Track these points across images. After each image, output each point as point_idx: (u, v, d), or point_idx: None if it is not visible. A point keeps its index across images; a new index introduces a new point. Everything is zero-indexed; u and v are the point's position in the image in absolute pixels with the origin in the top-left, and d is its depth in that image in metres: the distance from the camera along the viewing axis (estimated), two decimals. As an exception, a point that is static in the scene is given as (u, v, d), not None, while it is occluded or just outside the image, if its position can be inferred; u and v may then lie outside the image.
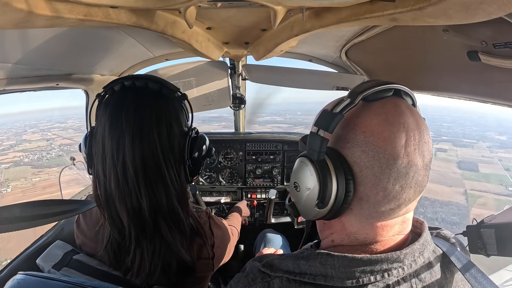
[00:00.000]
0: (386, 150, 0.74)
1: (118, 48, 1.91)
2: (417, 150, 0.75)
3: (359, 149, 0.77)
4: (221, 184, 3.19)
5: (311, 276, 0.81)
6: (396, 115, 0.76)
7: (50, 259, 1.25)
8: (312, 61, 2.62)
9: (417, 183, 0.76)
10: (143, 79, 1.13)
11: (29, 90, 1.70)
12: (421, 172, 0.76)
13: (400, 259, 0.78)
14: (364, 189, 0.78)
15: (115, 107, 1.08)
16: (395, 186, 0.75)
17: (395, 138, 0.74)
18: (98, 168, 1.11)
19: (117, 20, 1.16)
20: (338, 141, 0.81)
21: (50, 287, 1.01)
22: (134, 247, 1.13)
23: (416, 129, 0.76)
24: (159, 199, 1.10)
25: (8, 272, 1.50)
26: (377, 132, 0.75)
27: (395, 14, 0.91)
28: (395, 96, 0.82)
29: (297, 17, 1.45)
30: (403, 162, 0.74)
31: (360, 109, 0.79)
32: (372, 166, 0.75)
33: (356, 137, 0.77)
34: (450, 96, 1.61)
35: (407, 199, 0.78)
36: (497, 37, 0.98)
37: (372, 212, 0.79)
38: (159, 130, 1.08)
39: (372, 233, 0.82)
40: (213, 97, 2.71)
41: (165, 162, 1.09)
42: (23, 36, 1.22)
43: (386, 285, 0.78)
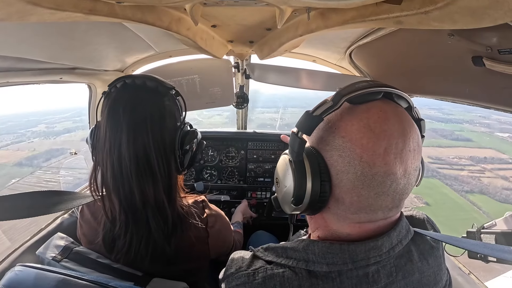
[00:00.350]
0: (362, 158, 0.74)
1: (123, 44, 1.92)
2: (398, 159, 0.74)
3: (337, 153, 0.78)
4: (222, 183, 3.19)
5: (295, 260, 0.85)
6: (379, 121, 0.75)
7: (50, 251, 1.27)
8: (316, 62, 2.62)
9: (395, 191, 0.77)
10: (142, 78, 1.22)
11: (32, 83, 1.70)
12: (401, 181, 0.76)
13: (377, 246, 0.80)
14: (339, 191, 0.79)
15: (114, 102, 1.17)
16: (369, 193, 0.76)
17: (374, 145, 0.73)
18: (98, 157, 1.21)
19: (122, 16, 1.16)
20: (320, 142, 0.83)
21: (48, 279, 1.02)
22: (124, 232, 1.20)
23: (400, 137, 0.75)
24: (147, 189, 1.16)
25: (7, 264, 1.51)
26: (356, 138, 0.75)
27: (400, 17, 0.91)
28: (385, 99, 0.81)
29: (302, 17, 1.45)
30: (379, 170, 0.73)
31: (345, 111, 0.80)
32: (348, 171, 0.76)
33: (335, 140, 0.79)
34: (453, 101, 1.60)
35: (384, 206, 0.79)
36: (502, 43, 0.97)
37: (348, 214, 0.81)
38: (153, 123, 1.16)
39: (352, 232, 0.84)
40: (216, 95, 2.71)
41: (156, 154, 1.16)
42: (28, 28, 1.22)
43: (365, 273, 0.81)
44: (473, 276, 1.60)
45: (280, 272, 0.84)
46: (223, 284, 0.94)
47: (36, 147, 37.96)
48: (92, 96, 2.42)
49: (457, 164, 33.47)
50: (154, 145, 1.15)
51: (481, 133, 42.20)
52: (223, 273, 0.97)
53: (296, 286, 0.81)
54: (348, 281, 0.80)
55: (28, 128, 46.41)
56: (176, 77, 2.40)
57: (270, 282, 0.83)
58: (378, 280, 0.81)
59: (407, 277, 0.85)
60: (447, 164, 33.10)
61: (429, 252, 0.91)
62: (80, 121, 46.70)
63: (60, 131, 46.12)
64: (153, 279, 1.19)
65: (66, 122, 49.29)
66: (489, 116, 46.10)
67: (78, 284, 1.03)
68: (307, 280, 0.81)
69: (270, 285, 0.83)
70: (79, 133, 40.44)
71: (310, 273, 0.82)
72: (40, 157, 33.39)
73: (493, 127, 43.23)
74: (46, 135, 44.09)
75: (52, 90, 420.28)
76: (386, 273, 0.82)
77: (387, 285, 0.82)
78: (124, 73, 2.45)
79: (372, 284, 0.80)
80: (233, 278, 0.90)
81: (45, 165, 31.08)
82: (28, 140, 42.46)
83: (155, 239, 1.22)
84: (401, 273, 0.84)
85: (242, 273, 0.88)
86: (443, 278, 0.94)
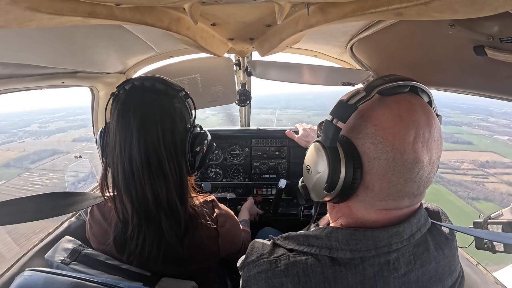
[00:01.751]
0: (394, 145, 0.77)
1: (123, 46, 1.92)
2: (425, 148, 0.78)
3: (369, 140, 0.81)
4: (227, 181, 3.19)
5: (317, 248, 0.87)
6: (409, 112, 0.79)
7: (58, 254, 1.28)
8: (317, 56, 2.61)
9: (421, 179, 0.80)
10: (151, 80, 1.21)
11: (34, 88, 1.71)
12: (426, 168, 0.79)
13: (399, 232, 0.83)
14: (370, 178, 0.82)
15: (124, 104, 1.16)
16: (399, 179, 0.79)
17: (404, 134, 0.77)
18: (109, 159, 1.21)
19: (121, 18, 1.16)
20: (351, 131, 0.85)
21: (58, 283, 1.03)
22: (137, 234, 1.21)
23: (426, 127, 0.79)
24: (160, 191, 1.17)
25: (17, 269, 1.52)
26: (388, 126, 0.79)
27: (400, 9, 0.90)
28: (410, 92, 0.84)
29: (301, 12, 1.44)
30: (409, 157, 0.77)
31: (375, 102, 0.83)
32: (380, 158, 0.79)
33: (368, 129, 0.81)
34: (456, 91, 1.59)
35: (410, 193, 0.82)
36: (503, 31, 0.97)
37: (376, 200, 0.84)
38: (163, 126, 1.15)
39: (378, 218, 0.86)
40: (219, 94, 2.70)
41: (167, 156, 1.16)
42: (28, 34, 1.23)
43: (387, 260, 0.83)
44: (481, 267, 1.60)
45: (303, 259, 0.86)
46: (243, 271, 0.95)
47: (26, 147, 37.47)
48: (95, 99, 2.43)
49: (460, 169, 33.05)
50: (165, 148, 1.16)
51: (480, 136, 41.79)
52: (242, 261, 0.98)
53: (319, 273, 0.84)
54: (370, 268, 0.83)
55: (21, 128, 45.85)
56: (177, 77, 2.40)
57: (293, 269, 0.85)
58: (398, 267, 0.84)
59: (424, 265, 0.87)
60: (450, 169, 32.61)
61: (445, 243, 0.93)
62: (74, 121, 45.99)
63: (52, 130, 45.45)
64: (162, 279, 1.20)
65: (60, 121, 48.52)
66: (487, 118, 45.75)
67: (87, 286, 1.03)
68: (330, 267, 0.84)
69: (293, 272, 0.85)
70: (71, 133, 39.53)
71: (333, 260, 0.84)
72: (29, 158, 32.93)
73: (492, 130, 42.88)
74: (38, 135, 43.59)
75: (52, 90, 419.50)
76: (405, 261, 0.85)
77: (406, 273, 0.85)
78: (126, 75, 2.46)
79: (392, 272, 0.83)
80: (254, 265, 0.92)
81: (33, 167, 30.57)
82: (19, 140, 41.96)
83: (167, 240, 1.22)
84: (419, 261, 0.87)
85: (264, 260, 0.91)
86: (457, 268, 0.97)
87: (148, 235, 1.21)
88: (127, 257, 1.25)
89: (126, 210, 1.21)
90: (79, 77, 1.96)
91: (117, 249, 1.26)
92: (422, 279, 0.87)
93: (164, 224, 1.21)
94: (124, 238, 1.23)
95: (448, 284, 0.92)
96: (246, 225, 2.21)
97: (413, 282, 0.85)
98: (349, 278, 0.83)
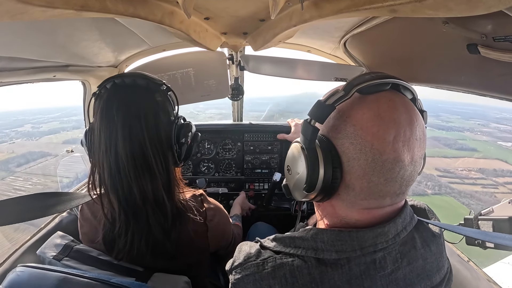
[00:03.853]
0: (373, 145, 0.77)
1: (116, 39, 1.90)
2: (406, 147, 0.78)
3: (348, 140, 0.80)
4: (219, 175, 3.19)
5: (304, 249, 0.87)
6: (389, 110, 0.79)
7: (50, 250, 1.28)
8: (310, 52, 2.61)
9: (403, 178, 0.80)
10: (131, 76, 1.22)
11: (26, 82, 1.68)
12: (408, 168, 0.80)
13: (384, 232, 0.84)
14: (350, 178, 0.82)
15: (107, 102, 1.17)
16: (379, 179, 0.79)
17: (384, 133, 0.77)
18: (95, 159, 1.21)
19: (114, 11, 1.15)
20: (331, 131, 0.85)
21: (50, 279, 1.02)
22: (125, 231, 1.22)
23: (407, 126, 0.78)
24: (146, 186, 1.18)
25: (9, 264, 1.51)
26: (367, 126, 0.78)
27: (394, 6, 0.90)
28: (392, 90, 0.83)
29: (296, 7, 1.44)
30: (389, 157, 0.77)
31: (355, 101, 0.82)
32: (359, 158, 0.79)
33: (347, 129, 0.81)
34: (448, 89, 1.60)
35: (391, 192, 0.82)
36: (497, 30, 0.97)
37: (358, 200, 0.84)
38: (147, 120, 1.17)
39: (361, 218, 0.87)
40: (211, 88, 2.69)
41: (152, 151, 1.18)
42: (19, 27, 1.21)
43: (373, 259, 0.84)
44: (472, 263, 1.62)
45: (289, 261, 0.86)
46: (231, 275, 0.96)
47: (16, 149, 36.52)
48: (86, 93, 2.41)
49: (468, 178, 32.67)
50: (150, 142, 1.17)
51: (484, 142, 41.60)
52: (230, 264, 0.98)
53: (306, 274, 0.84)
54: (357, 268, 0.83)
55: (14, 128, 45.01)
56: (170, 71, 2.39)
57: (280, 271, 0.86)
58: (385, 266, 0.84)
59: (412, 263, 0.88)
60: (458, 178, 32.17)
61: (432, 240, 0.94)
62: (68, 122, 45.17)
63: (45, 131, 44.59)
64: (154, 274, 1.20)
65: (54, 122, 47.64)
66: (488, 124, 45.71)
67: (80, 282, 1.03)
68: (316, 268, 0.84)
69: (280, 274, 0.86)
70: (62, 135, 38.70)
71: (319, 261, 0.85)
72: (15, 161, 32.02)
73: (495, 136, 42.80)
74: (29, 136, 42.71)
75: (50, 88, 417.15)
76: (392, 260, 0.85)
77: (393, 271, 0.85)
78: (118, 69, 2.44)
79: (379, 270, 0.84)
80: (242, 268, 0.93)
81: (18, 170, 29.77)
82: (10, 141, 41.01)
83: (155, 235, 1.23)
84: (405, 259, 0.87)
85: (251, 263, 0.91)
86: (444, 265, 0.98)
87: (136, 232, 1.22)
88: (116, 255, 1.25)
89: (113, 208, 1.22)
90: (70, 70, 1.94)
91: (106, 247, 1.27)
92: (409, 276, 0.87)
93: (151, 219, 1.22)
94: (112, 236, 1.24)
95: (436, 280, 0.93)
96: (238, 220, 2.21)
97: (400, 280, 0.86)
98: (336, 278, 0.83)
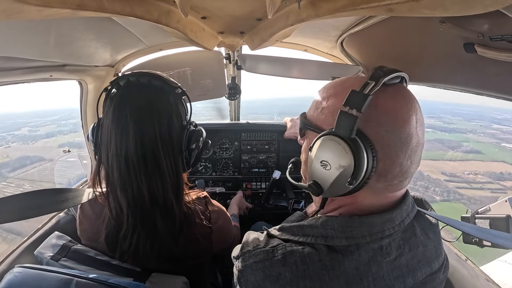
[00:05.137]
0: (406, 130, 0.82)
1: (112, 39, 1.89)
2: (421, 130, 0.85)
3: (383, 129, 0.82)
4: (216, 175, 3.19)
5: (313, 237, 0.89)
6: (410, 99, 0.86)
7: (48, 250, 1.27)
8: (307, 51, 2.61)
9: (419, 159, 0.87)
10: (147, 76, 1.20)
11: (22, 82, 1.67)
12: (421, 148, 0.87)
13: (392, 218, 0.89)
14: (383, 165, 0.84)
15: (120, 101, 1.15)
16: (407, 162, 0.84)
17: (410, 119, 0.83)
18: (103, 157, 1.19)
19: (111, 10, 1.14)
20: (362, 120, 0.82)
21: (48, 280, 1.02)
22: (131, 233, 1.20)
23: (419, 112, 0.86)
24: (156, 189, 1.16)
25: (6, 265, 1.50)
26: (398, 113, 0.83)
27: (391, 5, 0.91)
28: (401, 83, 0.90)
29: (292, 6, 1.44)
30: (414, 140, 0.83)
31: (380, 91, 0.83)
32: (395, 144, 0.82)
33: (380, 117, 0.83)
34: (445, 88, 1.61)
35: (411, 173, 0.88)
36: (493, 29, 0.98)
37: (387, 185, 0.87)
38: (160, 123, 1.15)
39: (384, 202, 0.91)
40: (208, 87, 2.69)
41: (164, 154, 1.15)
42: (15, 27, 1.20)
43: (380, 246, 0.88)
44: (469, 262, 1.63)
45: (299, 249, 0.88)
46: (239, 261, 0.95)
47: (11, 153, 35.99)
48: (83, 93, 2.40)
49: (475, 182, 32.15)
50: (162, 146, 1.15)
51: (488, 144, 41.31)
52: (238, 251, 0.98)
53: (317, 261, 0.85)
54: (365, 254, 0.85)
55: (11, 131, 44.47)
56: (167, 71, 2.38)
57: (290, 258, 0.87)
58: (390, 252, 0.87)
59: (413, 249, 0.91)
60: (466, 183, 31.61)
61: (430, 228, 0.99)
62: (65, 125, 44.67)
63: (42, 135, 44.09)
64: (152, 274, 1.20)
65: (51, 125, 47.08)
66: (490, 125, 45.54)
67: (78, 282, 1.03)
68: (327, 255, 0.86)
69: (291, 261, 0.86)
70: (59, 138, 38.19)
71: (330, 248, 0.87)
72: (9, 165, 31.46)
73: (498, 137, 42.56)
74: (25, 140, 42.25)
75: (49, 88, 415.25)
76: (396, 246, 0.89)
77: (397, 257, 0.88)
78: (115, 68, 2.43)
79: (385, 256, 0.87)
80: (250, 255, 0.93)
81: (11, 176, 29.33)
82: (6, 144, 40.48)
83: (162, 239, 1.22)
84: (407, 245, 0.90)
85: (260, 250, 0.92)
86: (442, 252, 1.02)
87: (142, 234, 1.20)
88: (119, 256, 1.24)
89: (120, 209, 1.20)
90: (67, 70, 1.93)
91: (108, 247, 1.25)
92: (411, 262, 0.91)
93: (159, 223, 1.20)
94: (116, 237, 1.22)
95: (435, 266, 0.97)
96: (236, 220, 2.21)
97: (403, 265, 0.89)
98: (346, 265, 0.85)
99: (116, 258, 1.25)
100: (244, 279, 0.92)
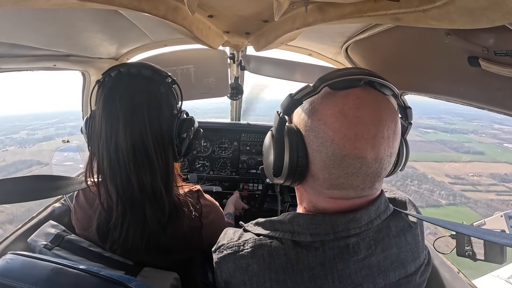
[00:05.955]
0: (334, 140, 0.82)
1: (118, 32, 1.89)
2: (369, 145, 0.80)
3: (313, 133, 0.87)
4: (214, 173, 3.19)
5: (281, 232, 0.93)
6: (353, 108, 0.81)
7: (41, 238, 1.27)
8: (312, 55, 2.61)
9: (366, 174, 0.84)
10: (137, 66, 1.21)
11: (26, 69, 1.67)
12: (371, 165, 0.83)
13: (356, 218, 0.88)
14: (314, 168, 0.89)
15: (110, 92, 1.16)
16: (340, 172, 0.84)
17: (345, 130, 0.80)
18: (94, 147, 1.20)
19: (118, 3, 1.14)
20: (301, 123, 0.92)
21: (40, 268, 1.01)
22: (121, 222, 1.20)
23: (373, 124, 0.81)
24: (145, 178, 1.17)
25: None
26: (330, 122, 0.83)
27: (398, 14, 0.91)
28: (365, 86, 0.85)
29: (299, 10, 1.44)
30: (349, 153, 0.81)
31: (325, 96, 0.87)
32: (320, 151, 0.85)
33: (313, 122, 0.87)
34: (447, 100, 1.61)
35: (355, 185, 0.86)
36: (499, 44, 0.98)
37: (323, 189, 0.90)
38: (150, 112, 1.16)
39: (327, 206, 0.92)
40: (211, 86, 2.70)
41: (153, 143, 1.17)
42: (22, 14, 1.20)
43: (346, 244, 0.88)
44: (461, 275, 1.63)
45: (268, 243, 0.92)
46: (215, 254, 1.03)
47: (7, 156, 35.62)
48: (86, 84, 2.40)
49: (480, 184, 31.86)
50: (151, 134, 1.16)
51: (490, 145, 41.03)
52: (215, 245, 1.06)
53: (282, 254, 0.89)
54: (330, 251, 0.88)
55: (9, 135, 44.13)
56: (171, 67, 2.38)
57: (258, 251, 0.92)
58: (358, 251, 0.88)
59: (386, 250, 0.91)
60: (471, 185, 31.33)
61: (407, 230, 0.98)
62: (63, 128, 44.34)
63: (40, 138, 43.75)
64: (144, 269, 1.20)
65: (50, 128, 46.79)
66: (491, 125, 45.26)
67: (69, 272, 1.02)
68: (292, 249, 0.89)
69: (259, 254, 0.92)
70: (56, 142, 37.90)
71: (295, 243, 0.90)
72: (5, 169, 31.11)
73: (500, 138, 42.32)
74: (23, 143, 41.82)
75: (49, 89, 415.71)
76: (365, 246, 0.89)
77: (366, 257, 0.89)
78: (119, 61, 2.43)
79: (352, 255, 0.88)
80: (224, 248, 1.00)
81: None
82: (4, 148, 40.06)
83: (150, 228, 1.22)
84: (380, 246, 0.91)
85: (232, 243, 0.98)
86: (421, 255, 1.01)
87: (132, 223, 1.21)
88: (110, 246, 1.24)
89: (110, 198, 1.20)
90: (71, 60, 1.93)
91: (99, 237, 1.25)
92: (383, 263, 0.91)
93: (148, 211, 1.20)
94: (107, 227, 1.23)
95: (411, 269, 0.97)
96: (231, 218, 2.22)
97: (374, 265, 0.90)
98: (310, 260, 0.88)
99: (107, 248, 1.25)
100: (219, 270, 1.01)
